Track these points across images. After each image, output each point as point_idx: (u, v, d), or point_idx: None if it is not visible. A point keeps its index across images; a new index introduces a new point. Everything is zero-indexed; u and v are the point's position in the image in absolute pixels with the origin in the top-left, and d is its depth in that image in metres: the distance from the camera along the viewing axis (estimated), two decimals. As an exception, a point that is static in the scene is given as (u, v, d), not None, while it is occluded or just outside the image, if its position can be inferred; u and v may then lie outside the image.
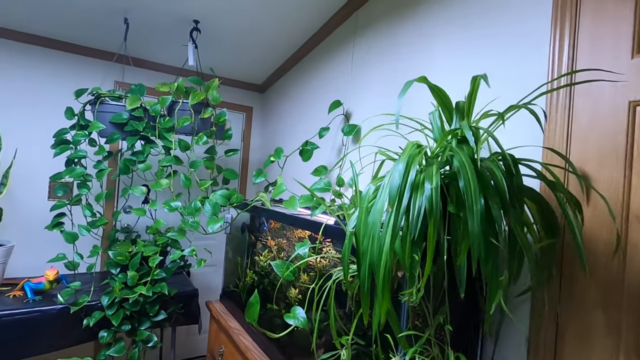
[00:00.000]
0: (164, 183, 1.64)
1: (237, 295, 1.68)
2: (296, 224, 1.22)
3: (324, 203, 0.93)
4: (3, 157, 1.78)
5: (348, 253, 0.77)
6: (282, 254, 1.39)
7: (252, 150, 2.83)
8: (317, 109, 2.04)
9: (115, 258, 1.68)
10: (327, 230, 1.05)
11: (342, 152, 1.74)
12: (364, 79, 1.66)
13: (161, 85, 1.77)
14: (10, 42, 2.04)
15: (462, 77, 1.18)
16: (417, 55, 1.38)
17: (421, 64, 1.35)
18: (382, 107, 1.52)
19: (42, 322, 1.64)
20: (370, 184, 0.78)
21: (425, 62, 1.33)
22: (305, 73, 2.23)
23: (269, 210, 1.46)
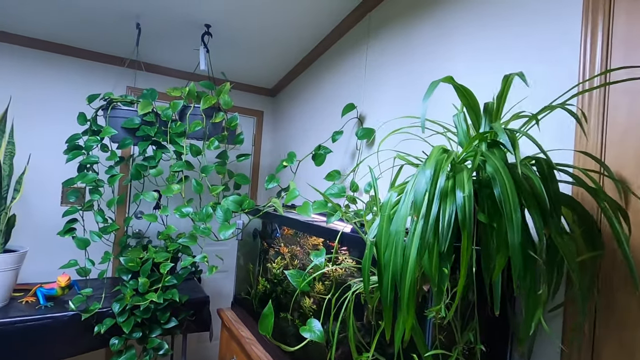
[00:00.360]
0: (176, 188, 1.62)
1: (249, 303, 1.64)
2: (311, 231, 1.19)
3: (340, 210, 0.89)
4: (16, 163, 1.78)
5: (369, 264, 0.73)
6: (295, 261, 1.35)
7: (263, 155, 2.81)
8: (330, 113, 2.00)
9: (126, 264, 1.66)
10: (343, 238, 1.01)
11: (356, 157, 1.70)
12: (379, 82, 1.62)
13: (173, 89, 1.76)
14: (25, 49, 2.06)
15: (483, 79, 1.13)
16: (434, 56, 1.33)
17: (439, 66, 1.31)
18: (397, 110, 1.48)
19: (54, 328, 1.63)
20: (391, 191, 0.73)
21: (444, 63, 1.29)
22: (316, 76, 2.20)
23: (281, 217, 1.43)
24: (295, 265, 1.35)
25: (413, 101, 1.40)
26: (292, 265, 1.37)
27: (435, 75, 1.32)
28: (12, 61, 2.05)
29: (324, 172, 1.83)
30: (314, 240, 1.25)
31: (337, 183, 1.70)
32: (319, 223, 1.28)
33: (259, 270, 1.61)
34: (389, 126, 1.51)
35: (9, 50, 2.04)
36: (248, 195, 1.52)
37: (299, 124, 2.40)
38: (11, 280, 1.72)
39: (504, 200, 0.49)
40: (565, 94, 0.72)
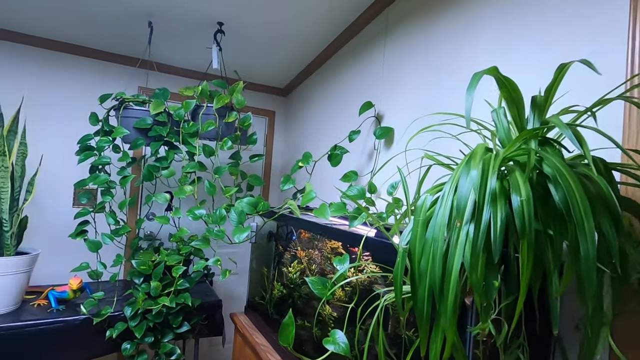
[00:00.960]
0: (188, 190, 1.58)
1: (264, 308, 1.59)
2: (331, 235, 1.13)
3: (367, 212, 0.83)
4: (28, 164, 1.76)
5: (401, 273, 0.67)
6: (313, 265, 1.29)
7: (275, 156, 2.77)
8: (345, 112, 1.95)
9: (138, 267, 1.63)
10: (366, 242, 0.95)
11: (373, 157, 1.64)
12: (398, 80, 1.56)
13: (185, 89, 1.73)
14: (37, 49, 2.05)
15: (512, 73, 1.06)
16: (457, 51, 1.27)
17: (463, 61, 1.24)
18: (418, 108, 1.42)
19: (65, 332, 1.61)
20: (426, 194, 0.67)
21: (468, 59, 1.22)
22: (330, 75, 2.15)
23: (298, 219, 1.37)
24: (313, 270, 1.29)
25: (436, 98, 1.33)
26: (309, 269, 1.31)
27: (459, 71, 1.25)
28: (24, 61, 2.04)
29: (340, 173, 1.77)
30: (332, 243, 1.19)
31: (354, 184, 1.64)
32: (338, 226, 1.22)
33: (273, 274, 1.56)
34: (412, 124, 1.44)
35: (21, 50, 2.03)
36: (262, 197, 1.47)
37: (311, 124, 2.35)
38: (23, 283, 1.70)
39: (572, 205, 0.43)
40: (624, 85, 0.65)
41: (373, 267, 1.01)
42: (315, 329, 1.19)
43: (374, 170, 1.62)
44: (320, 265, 1.23)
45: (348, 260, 0.89)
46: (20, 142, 1.70)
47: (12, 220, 1.65)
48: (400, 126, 1.51)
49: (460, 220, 0.55)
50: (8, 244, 1.64)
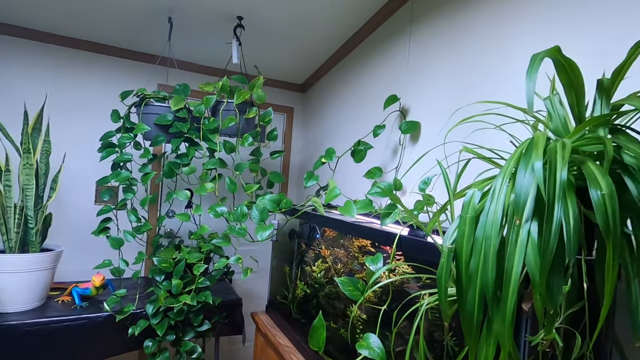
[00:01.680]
0: (209, 187, 1.55)
1: (286, 307, 1.56)
2: (360, 233, 1.08)
3: (405, 207, 0.78)
4: (52, 161, 1.78)
5: (446, 275, 0.61)
6: (339, 265, 1.25)
7: (293, 153, 2.73)
8: (367, 107, 1.89)
9: (159, 265, 1.62)
10: (393, 240, 0.90)
11: (398, 152, 1.58)
12: (424, 72, 1.49)
13: (205, 85, 1.70)
14: (60, 47, 2.07)
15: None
16: (490, 40, 1.20)
17: (498, 50, 1.17)
18: (447, 101, 1.35)
19: (89, 329, 1.61)
20: (473, 189, 0.62)
21: (503, 47, 1.15)
22: (351, 69, 2.09)
23: (322, 217, 1.33)
24: (339, 269, 1.25)
25: (467, 90, 1.27)
26: (334, 269, 1.27)
27: (493, 61, 1.18)
28: (48, 60, 2.06)
29: (363, 170, 1.72)
30: (360, 242, 1.14)
31: (378, 181, 1.58)
32: (365, 224, 1.17)
33: (296, 273, 1.52)
34: (441, 117, 1.38)
35: (44, 49, 2.05)
36: (284, 194, 1.44)
37: (331, 119, 2.30)
38: (48, 279, 1.72)
39: (670, 199, 0.37)
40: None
41: (406, 267, 0.95)
42: (343, 330, 1.15)
43: (399, 166, 1.56)
44: (347, 265, 1.19)
45: (382, 260, 0.85)
46: (44, 140, 1.71)
47: (36, 217, 1.66)
48: (427, 120, 1.45)
49: (519, 217, 0.49)
50: (33, 241, 1.66)
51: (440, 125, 1.37)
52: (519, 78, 1.07)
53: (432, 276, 0.83)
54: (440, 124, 1.37)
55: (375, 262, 0.84)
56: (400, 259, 0.96)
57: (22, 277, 1.61)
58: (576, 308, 0.50)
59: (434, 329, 0.84)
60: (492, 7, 1.20)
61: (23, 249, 1.67)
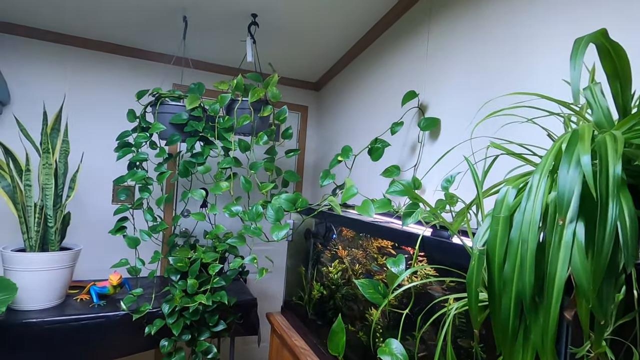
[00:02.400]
0: (224, 186, 1.54)
1: (302, 308, 1.53)
2: (379, 234, 1.04)
3: (428, 205, 0.74)
4: (70, 161, 1.80)
5: (477, 280, 0.57)
6: (356, 265, 1.21)
7: (308, 152, 2.70)
8: (383, 104, 1.85)
9: (175, 264, 1.62)
10: (414, 241, 0.86)
11: (417, 150, 1.53)
12: (444, 67, 1.44)
13: (220, 83, 1.69)
14: (78, 49, 2.09)
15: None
16: (514, 33, 1.14)
17: (527, 39, 1.11)
18: (470, 96, 1.30)
19: (106, 327, 1.62)
20: (507, 186, 0.57)
21: (533, 36, 1.09)
22: (366, 67, 2.05)
23: (338, 216, 1.30)
24: (357, 270, 1.21)
25: (490, 84, 1.21)
26: (352, 270, 1.23)
27: (519, 51, 1.12)
28: (66, 62, 2.09)
29: (380, 168, 1.68)
30: (379, 242, 1.11)
31: (396, 179, 1.54)
32: (384, 223, 1.13)
33: (311, 273, 1.50)
34: (460, 113, 1.33)
35: (61, 50, 2.08)
36: (299, 194, 1.41)
37: (346, 117, 2.26)
38: (67, 278, 1.74)
39: None
40: None
41: (429, 269, 0.91)
42: (361, 333, 1.11)
43: (417, 164, 1.52)
44: (366, 266, 1.15)
45: (404, 262, 0.81)
46: (63, 140, 1.73)
47: (55, 216, 1.68)
48: (448, 116, 1.40)
49: (563, 217, 0.45)
50: (52, 240, 1.68)
51: (462, 121, 1.31)
52: (549, 69, 1.01)
53: (458, 279, 0.79)
54: (461, 120, 1.32)
55: (397, 264, 0.80)
56: (422, 260, 0.92)
57: (42, 276, 1.63)
58: (628, 318, 0.45)
59: (459, 334, 0.80)
60: (506, 4, 1.15)
61: (43, 247, 1.69)
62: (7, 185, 1.62)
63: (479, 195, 0.65)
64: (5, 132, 1.93)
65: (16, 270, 1.59)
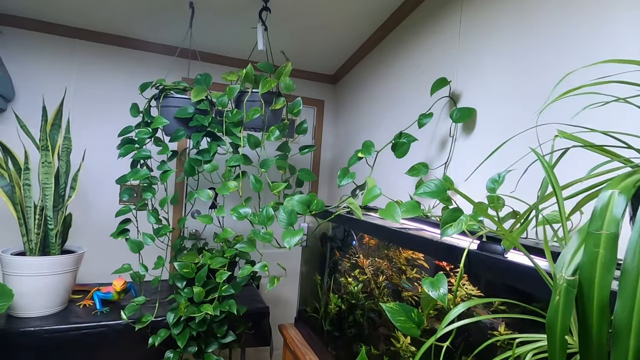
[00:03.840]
0: (232, 186, 1.40)
1: (317, 322, 1.38)
2: (408, 243, 0.88)
3: (483, 210, 0.57)
4: (75, 159, 1.70)
5: (565, 323, 0.40)
6: (380, 277, 1.05)
7: (324, 149, 2.55)
8: (407, 96, 1.67)
9: (180, 270, 1.49)
10: (454, 255, 0.70)
11: (447, 145, 1.36)
12: (482, 49, 1.26)
13: (228, 74, 1.55)
14: (79, 41, 2.00)
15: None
16: (569, 11, 0.95)
17: (579, 23, 0.92)
18: (514, 81, 1.11)
19: (108, 337, 1.52)
20: (610, 190, 0.40)
21: (586, 20, 0.90)
22: (388, 56, 1.88)
23: (359, 221, 1.14)
24: (380, 283, 1.05)
25: (535, 69, 1.02)
26: (374, 282, 1.07)
27: (574, 35, 0.93)
28: (73, 56, 2.00)
29: (405, 166, 1.50)
30: (408, 253, 0.94)
31: (423, 179, 1.37)
32: (414, 231, 0.97)
33: (328, 283, 1.34)
34: (500, 102, 1.14)
35: (67, 43, 1.99)
36: (314, 194, 1.25)
37: (366, 112, 2.09)
38: (69, 283, 1.64)
39: None
40: None
41: (469, 288, 0.74)
42: (387, 359, 0.95)
43: (448, 161, 1.34)
44: (392, 279, 0.99)
45: (445, 284, 0.64)
46: (65, 137, 1.63)
47: (56, 218, 1.58)
48: (485, 105, 1.21)
49: None
50: (53, 243, 1.58)
51: (504, 110, 1.13)
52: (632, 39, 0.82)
53: (508, 300, 0.62)
54: (502, 109, 1.14)
55: (436, 286, 0.63)
56: (462, 276, 0.75)
57: (43, 281, 1.54)
58: None
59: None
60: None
61: (44, 250, 1.60)
62: (6, 184, 1.53)
63: (559, 200, 0.47)
64: (11, 128, 1.85)
65: (15, 275, 1.50)
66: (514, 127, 1.08)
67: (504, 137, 1.11)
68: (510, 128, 1.10)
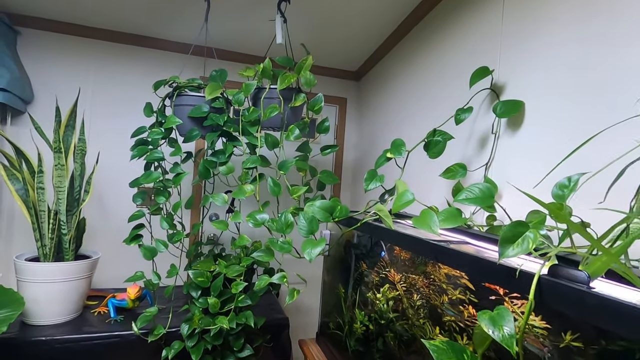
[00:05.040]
0: (249, 190, 1.30)
1: (340, 340, 1.25)
2: (451, 261, 0.74)
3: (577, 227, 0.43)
4: (90, 162, 1.65)
5: None
6: (415, 296, 0.91)
7: (346, 150, 2.41)
8: (439, 91, 1.52)
9: (195, 279, 1.40)
10: (513, 280, 0.55)
11: (488, 143, 1.20)
12: (531, 33, 1.09)
13: (245, 69, 1.46)
14: (93, 40, 1.96)
15: None
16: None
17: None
18: (573, 65, 0.95)
19: (121, 348, 1.45)
20: None
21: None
22: (419, 46, 1.73)
23: (388, 230, 1.00)
24: (415, 302, 0.91)
25: (606, 55, 0.86)
26: (408, 300, 0.93)
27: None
28: (89, 57, 1.96)
29: (437, 167, 1.35)
30: (450, 271, 0.80)
31: (461, 181, 1.21)
32: (456, 241, 0.82)
33: (353, 296, 1.21)
34: (556, 94, 0.98)
35: (83, 44, 1.95)
36: (338, 200, 1.13)
37: (392, 109, 1.95)
38: (84, 289, 1.59)
39: None
40: None
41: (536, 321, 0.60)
42: (424, 395, 0.81)
43: (489, 162, 1.18)
44: (429, 299, 0.85)
45: (511, 321, 0.50)
46: (79, 138, 1.58)
47: (70, 222, 1.53)
48: (535, 98, 1.05)
49: None
50: (67, 248, 1.53)
51: (561, 104, 0.97)
52: None
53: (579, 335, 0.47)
54: (560, 102, 0.98)
55: (497, 323, 0.49)
56: (516, 302, 0.60)
57: (56, 287, 1.48)
58: None
59: None
60: None
61: (58, 256, 1.55)
62: (20, 188, 1.49)
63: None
64: (29, 131, 1.83)
65: (28, 281, 1.45)
66: (578, 123, 0.92)
67: (563, 134, 0.95)
68: (571, 124, 0.93)
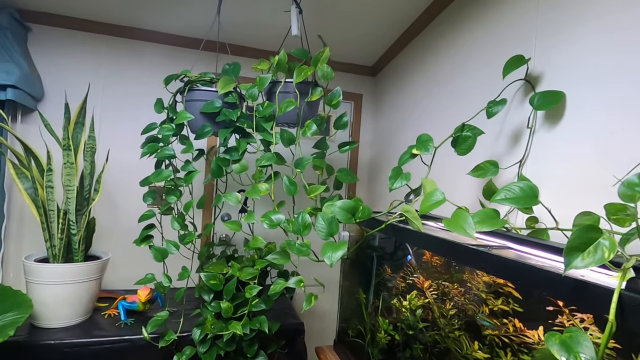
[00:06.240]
0: (263, 189, 1.23)
1: (361, 348, 1.17)
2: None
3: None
4: (99, 159, 1.61)
5: None
6: (448, 305, 0.83)
7: (362, 147, 2.33)
8: (464, 82, 1.43)
9: (207, 282, 1.34)
10: (584, 292, 0.47)
11: (523, 138, 1.10)
12: (571, 19, 1.00)
13: (259, 63, 1.39)
14: (101, 36, 1.91)
15: None
16: None
17: None
18: (618, 59, 0.85)
19: (130, 353, 1.39)
20: None
21: None
22: (439, 38, 1.64)
23: (415, 233, 0.92)
24: (447, 311, 0.83)
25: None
26: (439, 309, 0.85)
27: None
28: (100, 53, 1.92)
29: (465, 164, 1.26)
30: (488, 278, 0.71)
31: (493, 180, 1.12)
32: (497, 245, 0.74)
33: (375, 303, 1.13)
34: (600, 83, 0.88)
35: (94, 40, 1.91)
36: (360, 199, 1.05)
37: (411, 104, 1.86)
38: (93, 291, 1.54)
39: None
40: None
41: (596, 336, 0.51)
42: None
43: (524, 159, 1.09)
44: (465, 310, 0.76)
45: (590, 347, 0.41)
46: (89, 136, 1.54)
47: (79, 222, 1.49)
48: (576, 89, 0.96)
49: None
50: (76, 249, 1.49)
51: (611, 95, 0.87)
52: None
53: None
54: (604, 92, 0.88)
55: (572, 350, 0.41)
56: (580, 317, 0.51)
57: (66, 289, 1.44)
58: None
59: None
60: None
61: (67, 257, 1.51)
62: (30, 186, 1.45)
63: None
64: (39, 128, 1.80)
65: (37, 282, 1.41)
66: (633, 114, 0.82)
67: (611, 124, 0.86)
68: (625, 116, 0.84)
